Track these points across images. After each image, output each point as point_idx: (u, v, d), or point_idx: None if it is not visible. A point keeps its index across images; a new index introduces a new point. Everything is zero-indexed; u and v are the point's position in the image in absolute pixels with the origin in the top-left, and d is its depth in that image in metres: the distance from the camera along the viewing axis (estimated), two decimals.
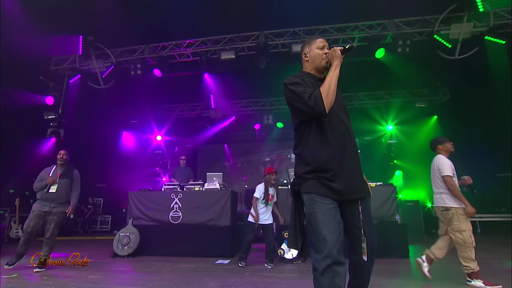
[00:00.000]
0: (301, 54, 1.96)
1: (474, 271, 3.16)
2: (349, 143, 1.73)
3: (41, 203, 4.19)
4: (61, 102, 7.31)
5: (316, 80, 1.84)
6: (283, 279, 3.69)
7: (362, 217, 1.65)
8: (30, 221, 4.11)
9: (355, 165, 1.72)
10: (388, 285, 3.18)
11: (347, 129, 1.75)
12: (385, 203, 5.72)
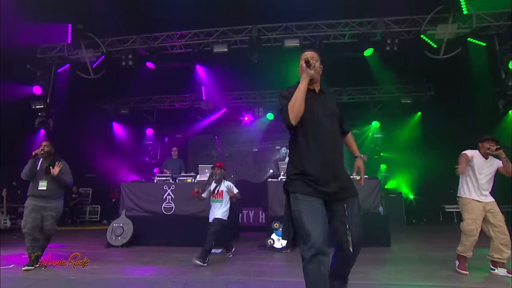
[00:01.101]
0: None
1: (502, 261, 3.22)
2: (333, 148, 1.88)
3: (34, 199, 3.87)
4: (49, 92, 7.17)
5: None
6: (273, 267, 3.92)
7: (347, 213, 1.84)
8: (27, 218, 3.78)
9: (339, 168, 1.89)
10: (371, 272, 3.45)
11: (331, 134, 1.90)
12: (369, 195, 6.02)
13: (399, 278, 3.16)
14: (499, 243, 3.26)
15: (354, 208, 1.88)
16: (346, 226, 1.84)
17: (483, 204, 3.38)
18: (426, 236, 7.19)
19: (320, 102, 1.94)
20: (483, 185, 3.43)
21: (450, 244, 3.80)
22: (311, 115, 1.88)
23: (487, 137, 3.48)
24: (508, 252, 3.24)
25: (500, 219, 3.32)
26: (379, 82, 9.73)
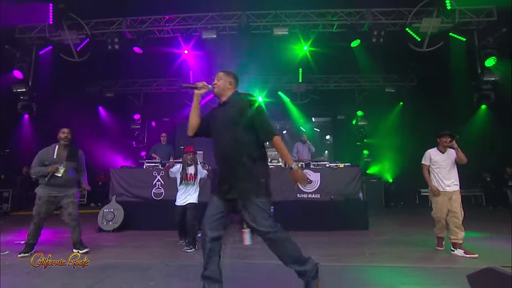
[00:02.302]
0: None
1: (459, 242, 3.69)
2: (231, 154, 2.15)
3: (49, 188, 3.72)
4: (31, 75, 6.92)
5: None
6: (257, 250, 4.10)
7: (245, 212, 2.10)
8: (40, 208, 3.70)
9: (236, 172, 2.13)
10: (345, 255, 3.79)
11: (230, 142, 2.16)
12: (351, 182, 6.39)
13: (372, 260, 3.51)
14: (453, 225, 3.77)
15: (254, 209, 2.08)
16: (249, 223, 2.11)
17: (447, 193, 3.88)
18: (402, 219, 7.72)
19: (224, 113, 2.23)
20: (444, 176, 3.93)
21: (423, 227, 4.21)
22: (215, 125, 2.25)
23: (443, 132, 3.99)
24: (461, 233, 3.72)
25: (456, 206, 3.81)
26: (364, 71, 9.96)
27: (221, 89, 2.30)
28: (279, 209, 5.73)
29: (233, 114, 2.18)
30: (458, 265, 3.24)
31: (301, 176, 2.17)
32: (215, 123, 2.25)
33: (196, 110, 2.32)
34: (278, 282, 2.77)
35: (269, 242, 2.13)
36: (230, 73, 2.39)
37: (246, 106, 2.19)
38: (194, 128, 2.32)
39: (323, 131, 13.41)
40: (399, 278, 2.87)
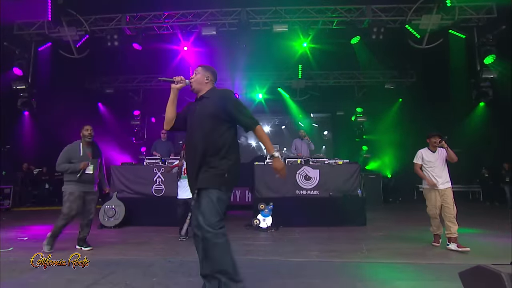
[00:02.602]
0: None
1: (453, 237, 3.83)
2: (195, 148, 2.18)
3: (80, 185, 3.81)
4: (30, 71, 6.92)
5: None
6: (260, 246, 4.30)
7: (197, 203, 2.11)
8: (72, 204, 3.76)
9: (195, 165, 2.16)
10: (344, 251, 3.88)
11: (196, 137, 2.18)
12: (349, 179, 6.47)
13: (369, 256, 3.60)
14: (447, 220, 3.91)
15: (199, 201, 2.10)
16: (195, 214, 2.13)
17: (439, 191, 4.04)
18: (399, 215, 7.81)
19: (201, 108, 2.23)
20: (437, 173, 4.07)
21: (419, 223, 4.30)
22: (191, 119, 2.26)
23: (432, 133, 4.14)
24: (454, 227, 3.86)
25: (449, 202, 3.97)
26: (364, 67, 9.98)
27: (198, 83, 2.31)
28: (278, 205, 5.85)
29: (210, 109, 2.18)
30: (452, 261, 3.33)
31: (280, 165, 2.15)
32: (192, 117, 2.25)
33: (172, 104, 2.32)
34: (282, 278, 2.85)
35: (205, 240, 2.04)
36: (208, 68, 2.39)
37: (224, 100, 2.19)
38: (170, 122, 2.33)
39: (321, 126, 13.46)
40: (394, 273, 2.96)
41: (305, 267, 3.20)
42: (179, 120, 2.35)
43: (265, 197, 6.19)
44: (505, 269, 1.60)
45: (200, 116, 2.19)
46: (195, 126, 2.20)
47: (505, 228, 5.06)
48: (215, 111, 2.16)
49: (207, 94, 2.28)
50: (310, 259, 3.51)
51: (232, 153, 2.19)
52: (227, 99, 2.21)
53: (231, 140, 2.20)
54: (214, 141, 2.14)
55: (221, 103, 2.17)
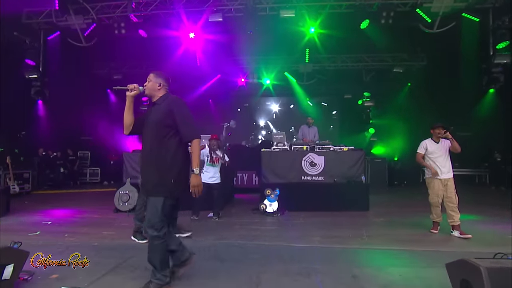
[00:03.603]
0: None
1: (456, 224, 4.00)
2: (148, 152, 2.38)
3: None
4: (41, 60, 7.08)
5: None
6: (266, 231, 4.56)
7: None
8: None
9: (148, 168, 2.38)
10: (345, 237, 4.10)
11: (148, 142, 2.38)
12: (354, 165, 6.62)
13: (369, 242, 3.82)
14: (449, 210, 4.07)
15: (148, 205, 2.38)
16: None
17: (442, 180, 4.15)
18: (402, 199, 7.92)
19: (153, 113, 2.40)
20: (441, 163, 4.17)
21: (421, 209, 4.45)
22: (146, 124, 2.42)
23: (437, 125, 4.21)
24: (457, 216, 4.03)
25: (451, 191, 4.11)
26: (373, 50, 9.78)
27: (150, 90, 2.45)
28: (284, 190, 6.07)
29: (157, 116, 2.33)
30: (446, 249, 3.52)
31: (196, 182, 2.31)
32: (146, 122, 2.42)
33: (128, 110, 2.46)
34: (285, 263, 3.08)
35: (149, 237, 2.41)
36: (159, 74, 2.50)
37: (172, 108, 2.33)
38: (129, 127, 2.48)
39: (330, 106, 13.38)
40: (389, 260, 3.17)
41: (307, 252, 3.45)
42: (137, 125, 2.49)
43: (271, 182, 6.41)
44: (485, 263, 1.77)
45: (150, 122, 2.37)
46: (146, 132, 2.39)
47: (504, 215, 5.19)
48: (162, 118, 2.31)
49: (159, 100, 2.43)
50: (313, 245, 3.75)
51: (177, 158, 2.34)
52: (174, 107, 2.34)
53: (176, 146, 2.34)
54: (160, 147, 2.31)
55: (168, 111, 2.32)
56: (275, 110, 13.85)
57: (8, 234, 4.11)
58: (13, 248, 2.43)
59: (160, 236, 2.32)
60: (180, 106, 2.37)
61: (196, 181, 2.31)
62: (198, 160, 2.34)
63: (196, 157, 2.33)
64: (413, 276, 2.65)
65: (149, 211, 2.32)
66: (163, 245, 2.36)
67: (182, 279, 2.67)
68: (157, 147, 2.31)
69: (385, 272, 2.77)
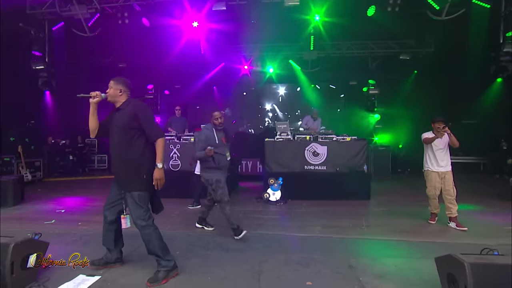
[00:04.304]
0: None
1: (453, 216, 4.12)
2: (118, 154, 2.57)
3: (221, 172, 3.81)
4: (47, 51, 7.15)
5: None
6: (268, 220, 4.73)
7: (126, 201, 2.62)
8: (224, 190, 3.75)
9: (121, 170, 2.58)
10: (345, 226, 4.26)
11: (118, 144, 2.56)
12: (356, 155, 6.70)
13: (367, 232, 3.97)
14: (447, 202, 4.19)
15: (129, 202, 2.59)
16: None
17: (439, 173, 4.24)
18: (405, 187, 7.97)
19: (117, 118, 2.58)
20: (440, 157, 4.25)
21: (422, 198, 4.55)
22: (111, 128, 2.62)
23: (437, 118, 4.24)
24: (454, 208, 4.15)
25: (449, 184, 4.20)
26: (379, 37, 9.60)
27: (112, 97, 2.62)
28: (287, 179, 6.22)
29: (123, 120, 2.52)
30: (442, 240, 3.65)
31: (159, 176, 2.53)
32: (111, 126, 2.61)
33: (93, 116, 2.63)
34: (288, 251, 3.25)
35: (139, 229, 2.60)
36: (119, 81, 2.65)
37: (135, 112, 2.52)
38: (94, 131, 2.67)
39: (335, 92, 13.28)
40: (386, 251, 3.33)
41: (308, 242, 3.62)
42: (102, 128, 2.69)
43: (275, 172, 6.56)
44: (470, 259, 1.90)
45: (116, 127, 2.56)
46: (113, 135, 2.58)
47: (503, 205, 5.28)
48: (128, 122, 2.51)
49: (122, 106, 2.60)
50: (313, 234, 3.92)
51: (147, 156, 2.57)
52: (138, 111, 2.53)
53: (144, 145, 2.56)
54: (130, 148, 2.52)
55: (133, 115, 2.51)
56: (281, 93, 13.83)
57: (26, 223, 4.39)
58: (35, 239, 2.63)
59: (150, 224, 2.59)
60: (144, 110, 2.60)
61: (158, 174, 2.53)
62: (161, 157, 2.56)
63: (160, 153, 2.55)
64: (407, 267, 2.80)
65: (131, 207, 2.56)
66: (156, 232, 2.62)
67: (189, 267, 2.87)
68: (126, 149, 2.53)
69: (381, 263, 2.93)
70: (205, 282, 2.60)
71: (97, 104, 2.63)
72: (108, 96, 2.62)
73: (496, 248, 2.13)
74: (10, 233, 3.66)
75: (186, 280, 2.65)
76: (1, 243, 2.28)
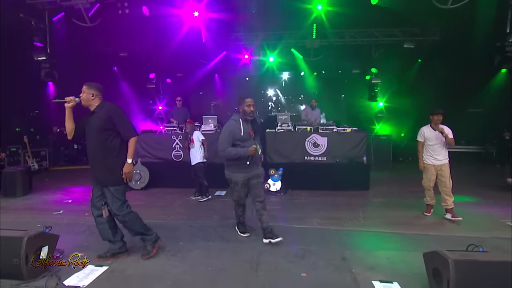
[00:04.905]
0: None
1: (448, 207, 4.24)
2: (95, 153, 2.83)
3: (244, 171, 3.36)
4: (48, 42, 7.15)
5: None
6: (270, 208, 4.84)
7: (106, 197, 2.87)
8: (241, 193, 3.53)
9: (98, 167, 2.84)
10: (342, 218, 4.38)
11: (95, 144, 2.81)
12: (356, 146, 6.78)
13: (364, 224, 4.09)
14: (443, 194, 4.29)
15: (110, 195, 2.86)
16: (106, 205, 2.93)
17: (436, 166, 4.33)
18: (404, 177, 7.99)
19: (92, 121, 2.80)
20: (437, 151, 4.32)
21: (420, 189, 4.62)
22: (87, 130, 2.84)
23: (436, 111, 4.25)
24: (450, 200, 4.25)
25: (445, 176, 4.28)
26: (383, 24, 9.42)
27: (85, 101, 2.82)
28: (287, 170, 6.33)
29: (98, 123, 2.76)
30: (435, 232, 3.76)
31: (128, 170, 2.84)
32: (87, 128, 2.84)
33: (69, 119, 2.84)
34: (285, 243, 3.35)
35: (120, 220, 2.93)
36: (92, 86, 2.83)
37: (110, 115, 2.77)
38: (71, 133, 2.87)
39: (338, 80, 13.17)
40: (379, 243, 3.46)
41: (306, 234, 3.75)
42: (78, 130, 2.89)
43: (275, 162, 6.67)
44: (454, 255, 2.01)
45: (92, 129, 2.79)
46: (90, 136, 2.81)
47: (500, 197, 5.38)
48: (103, 125, 2.76)
49: (96, 109, 2.82)
50: (311, 226, 4.05)
51: (122, 154, 2.86)
52: (112, 114, 2.79)
53: (119, 144, 2.85)
54: (106, 148, 2.78)
55: (108, 117, 2.77)
56: (284, 78, 13.74)
57: (36, 214, 4.59)
58: (46, 232, 2.79)
59: (129, 211, 2.95)
60: (118, 112, 2.84)
61: (127, 169, 2.86)
62: (132, 153, 2.87)
63: (131, 150, 2.86)
64: (398, 260, 2.92)
65: (111, 200, 2.86)
66: (134, 216, 3.00)
67: (191, 258, 3.03)
68: (103, 149, 2.79)
69: (373, 255, 3.06)
70: (206, 273, 2.75)
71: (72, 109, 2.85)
72: (82, 101, 2.81)
73: (481, 245, 2.24)
74: (22, 223, 3.88)
75: (188, 270, 2.81)
76: (16, 237, 2.43)
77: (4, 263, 2.39)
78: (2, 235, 2.48)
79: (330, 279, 2.58)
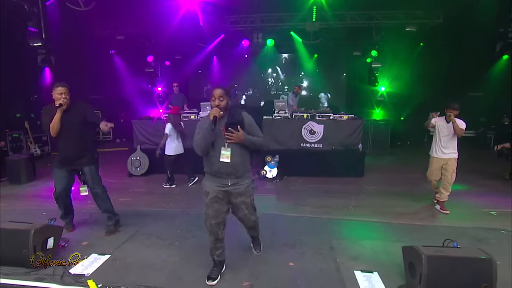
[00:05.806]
0: None
1: (441, 200, 4.39)
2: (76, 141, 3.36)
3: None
4: (43, 27, 7.03)
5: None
6: (263, 200, 4.95)
7: (84, 174, 3.48)
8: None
9: (79, 151, 3.40)
10: (333, 206, 4.55)
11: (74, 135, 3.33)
12: (352, 134, 6.87)
13: (353, 213, 4.27)
14: (441, 187, 4.39)
15: (90, 173, 3.48)
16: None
17: (442, 160, 4.35)
18: (399, 164, 8.11)
19: (70, 116, 3.26)
20: (444, 143, 4.32)
21: (413, 176, 4.74)
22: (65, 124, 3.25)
23: (452, 105, 4.16)
24: (445, 194, 4.36)
25: (449, 170, 4.32)
26: (385, 6, 9.15)
27: (67, 102, 3.26)
28: (283, 156, 6.47)
29: (76, 118, 3.29)
30: (421, 222, 3.94)
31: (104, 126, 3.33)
32: (65, 123, 3.25)
33: (59, 121, 3.23)
34: (277, 232, 3.53)
35: (94, 195, 3.53)
36: (67, 86, 3.29)
37: (84, 111, 3.34)
38: (54, 131, 3.27)
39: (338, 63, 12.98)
40: (366, 232, 3.63)
41: (297, 223, 3.93)
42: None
43: (272, 149, 6.79)
44: (428, 251, 2.17)
45: (71, 124, 3.27)
46: (69, 129, 3.27)
47: (490, 185, 5.53)
48: (80, 119, 3.31)
49: (70, 107, 3.29)
50: (303, 215, 4.23)
51: (92, 143, 3.55)
52: (86, 110, 3.39)
53: (92, 134, 3.58)
54: (85, 137, 3.41)
55: (82, 113, 3.33)
56: (284, 56, 13.56)
57: (41, 201, 4.79)
58: (51, 224, 2.97)
59: (104, 189, 3.60)
60: (89, 108, 3.47)
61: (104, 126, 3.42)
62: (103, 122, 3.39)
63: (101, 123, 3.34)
64: (382, 250, 3.11)
65: (92, 177, 3.49)
66: (107, 194, 3.62)
67: (187, 248, 3.22)
68: (81, 138, 3.38)
69: (359, 245, 3.24)
70: (201, 262, 2.94)
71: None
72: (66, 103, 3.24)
73: (464, 234, 2.39)
74: (29, 211, 4.09)
75: (183, 260, 3.01)
76: (23, 230, 2.62)
77: (16, 254, 2.59)
78: (11, 228, 2.67)
79: (315, 269, 2.77)
